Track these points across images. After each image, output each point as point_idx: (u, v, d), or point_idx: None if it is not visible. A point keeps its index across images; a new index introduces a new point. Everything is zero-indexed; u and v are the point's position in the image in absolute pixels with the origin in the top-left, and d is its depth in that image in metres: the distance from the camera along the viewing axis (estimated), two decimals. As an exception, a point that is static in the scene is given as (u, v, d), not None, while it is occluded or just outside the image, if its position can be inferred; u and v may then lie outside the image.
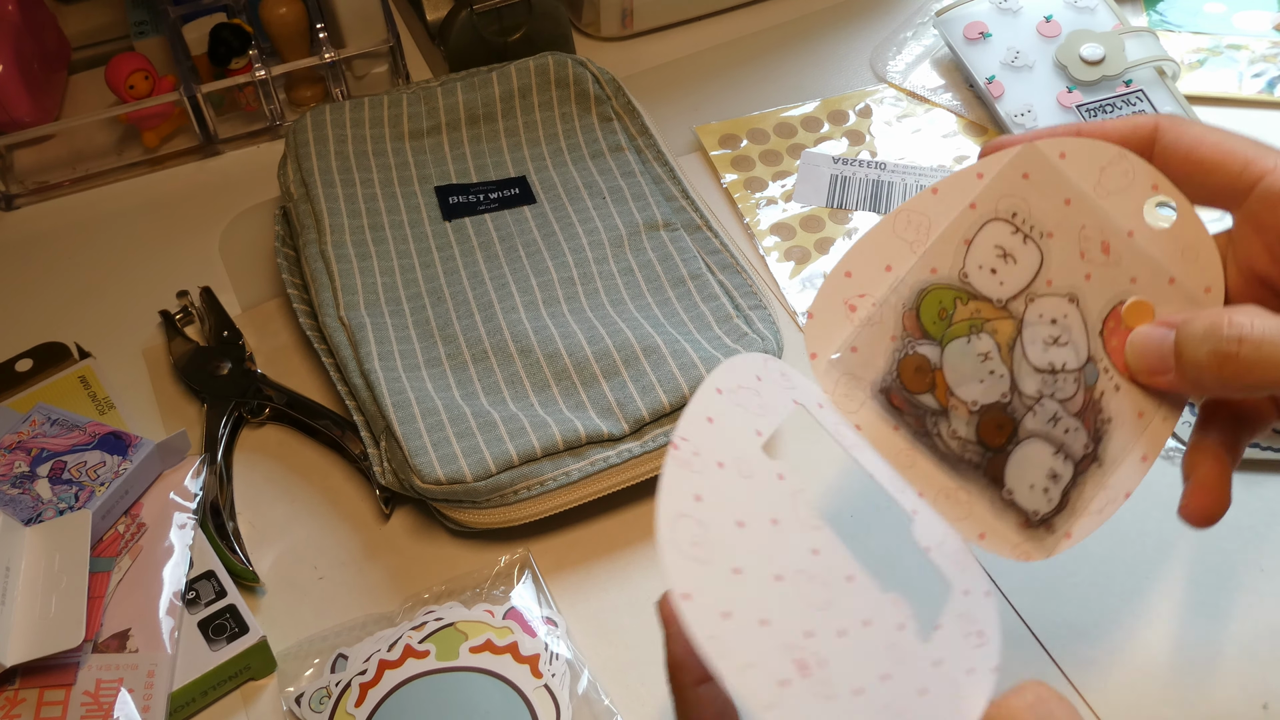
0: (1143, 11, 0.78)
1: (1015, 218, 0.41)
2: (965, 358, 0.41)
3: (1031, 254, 0.41)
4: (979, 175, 0.42)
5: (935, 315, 0.41)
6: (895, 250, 0.42)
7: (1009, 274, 0.41)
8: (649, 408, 0.55)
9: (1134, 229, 0.41)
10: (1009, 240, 0.41)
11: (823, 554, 0.35)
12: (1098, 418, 0.41)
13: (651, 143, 0.68)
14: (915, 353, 0.41)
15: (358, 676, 0.50)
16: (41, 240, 0.71)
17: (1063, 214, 0.41)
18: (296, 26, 0.74)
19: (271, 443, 0.60)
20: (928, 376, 0.41)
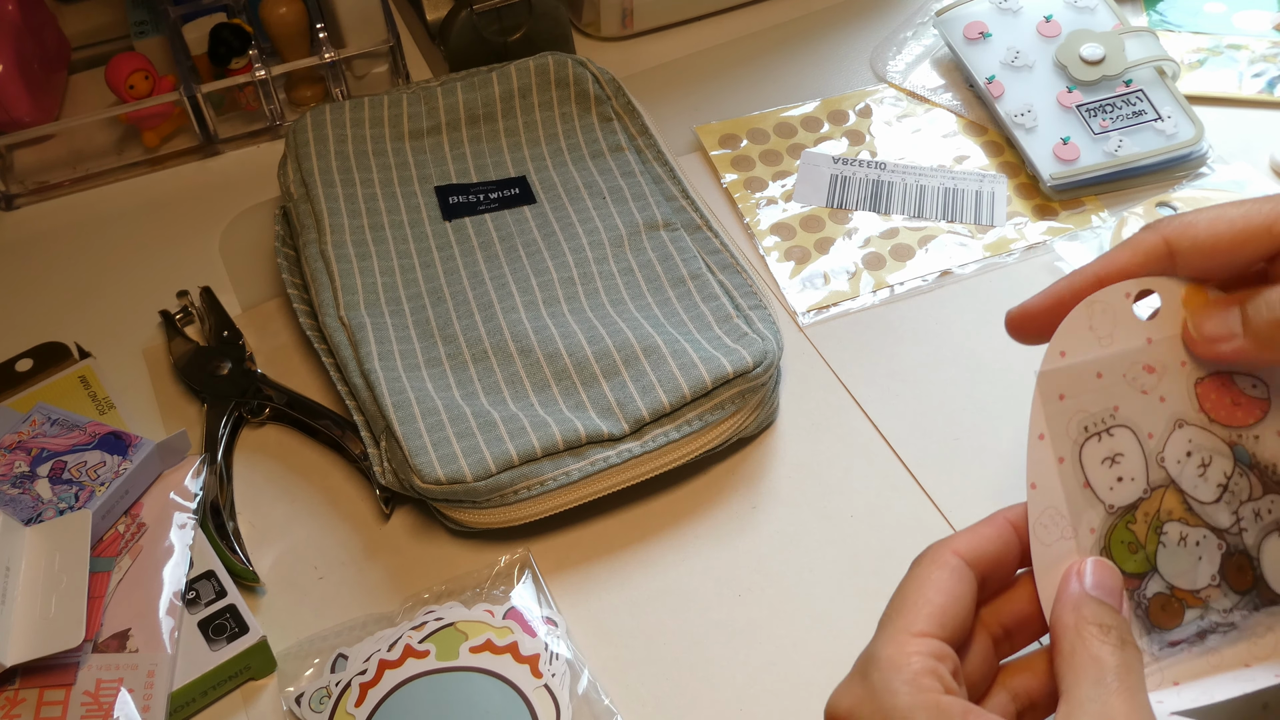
0: (1143, 11, 0.78)
1: (1089, 429, 0.41)
2: (1177, 559, 0.41)
3: (1124, 436, 0.41)
4: (1040, 437, 0.41)
5: (1128, 553, 0.41)
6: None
7: (1129, 467, 0.41)
8: (649, 408, 0.55)
9: (1150, 336, 0.42)
10: (1103, 447, 0.41)
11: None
12: (1273, 475, 0.41)
13: (651, 143, 0.68)
14: (1148, 596, 0.41)
15: (358, 676, 0.50)
16: (41, 240, 0.71)
17: (1106, 384, 0.41)
18: (296, 26, 0.74)
19: (271, 443, 0.60)
20: (1173, 603, 0.41)
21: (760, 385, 0.56)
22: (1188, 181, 0.68)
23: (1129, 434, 0.41)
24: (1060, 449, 0.41)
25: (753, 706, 0.50)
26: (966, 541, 0.40)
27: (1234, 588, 0.41)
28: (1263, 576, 0.41)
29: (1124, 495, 0.41)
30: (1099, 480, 0.41)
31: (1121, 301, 0.41)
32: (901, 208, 0.68)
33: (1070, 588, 0.39)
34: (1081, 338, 0.41)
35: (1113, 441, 0.41)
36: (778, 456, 0.59)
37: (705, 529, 0.56)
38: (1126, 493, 0.41)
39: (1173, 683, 0.40)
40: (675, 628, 0.53)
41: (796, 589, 0.54)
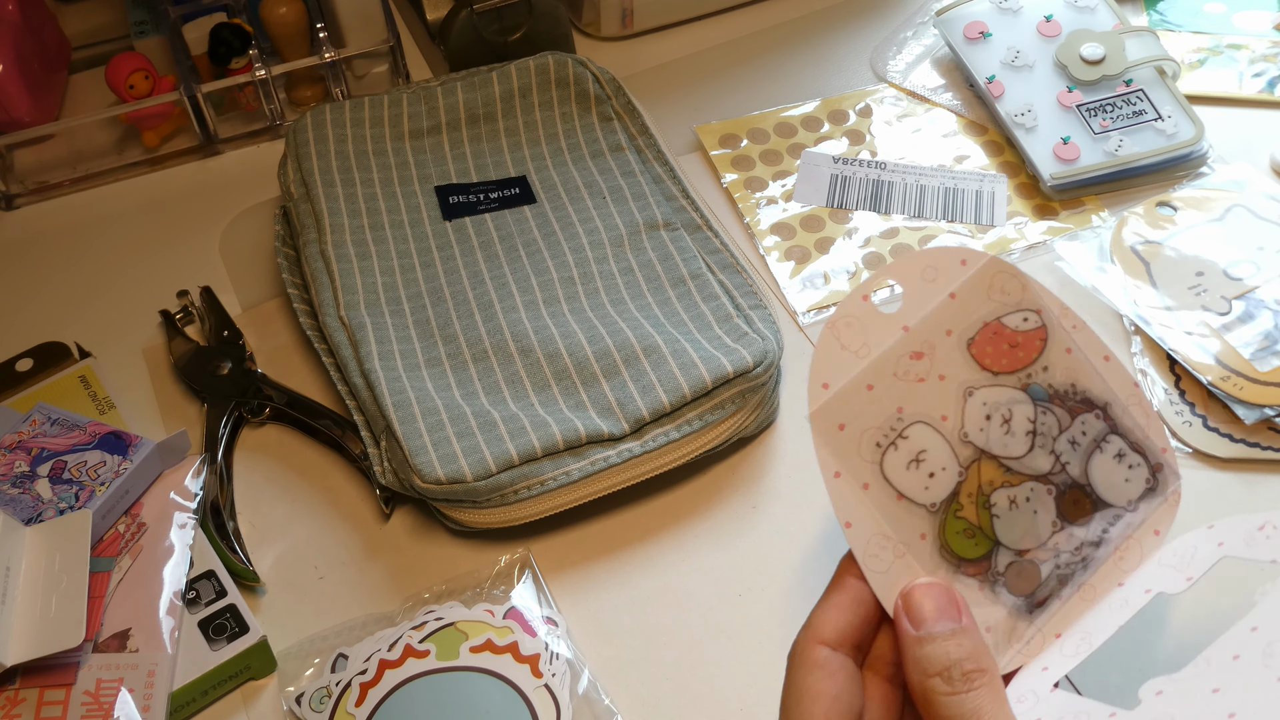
0: (1143, 11, 0.78)
1: (880, 443, 0.41)
2: (1014, 524, 0.41)
3: (919, 432, 0.41)
4: (836, 475, 0.40)
5: (967, 541, 0.41)
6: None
7: (935, 459, 0.41)
8: (649, 407, 0.55)
9: (904, 324, 0.41)
10: (902, 453, 0.41)
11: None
12: (1075, 396, 0.41)
13: (651, 142, 0.68)
14: (1001, 571, 0.40)
15: (358, 676, 0.50)
16: (41, 240, 0.71)
17: (881, 392, 0.41)
18: (296, 26, 0.74)
19: (272, 442, 0.60)
20: (1026, 566, 0.41)
21: (760, 385, 0.56)
22: (1188, 181, 0.68)
23: (923, 427, 0.41)
24: (861, 476, 0.40)
25: (753, 706, 0.50)
26: (828, 623, 0.39)
27: (1075, 522, 0.41)
28: (1100, 498, 0.41)
29: (940, 489, 0.41)
30: (910, 486, 0.40)
31: (861, 306, 0.41)
32: (902, 208, 0.68)
33: (905, 636, 0.38)
34: (837, 361, 0.41)
35: (909, 443, 0.41)
36: (778, 456, 0.59)
37: (705, 529, 0.56)
38: (942, 485, 0.41)
39: (1055, 636, 0.40)
40: (675, 628, 0.53)
41: (796, 589, 0.54)
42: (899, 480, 0.41)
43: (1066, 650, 0.39)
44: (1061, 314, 0.42)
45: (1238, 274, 0.63)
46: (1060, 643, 0.40)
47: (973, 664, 0.37)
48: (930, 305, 0.41)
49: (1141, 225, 0.66)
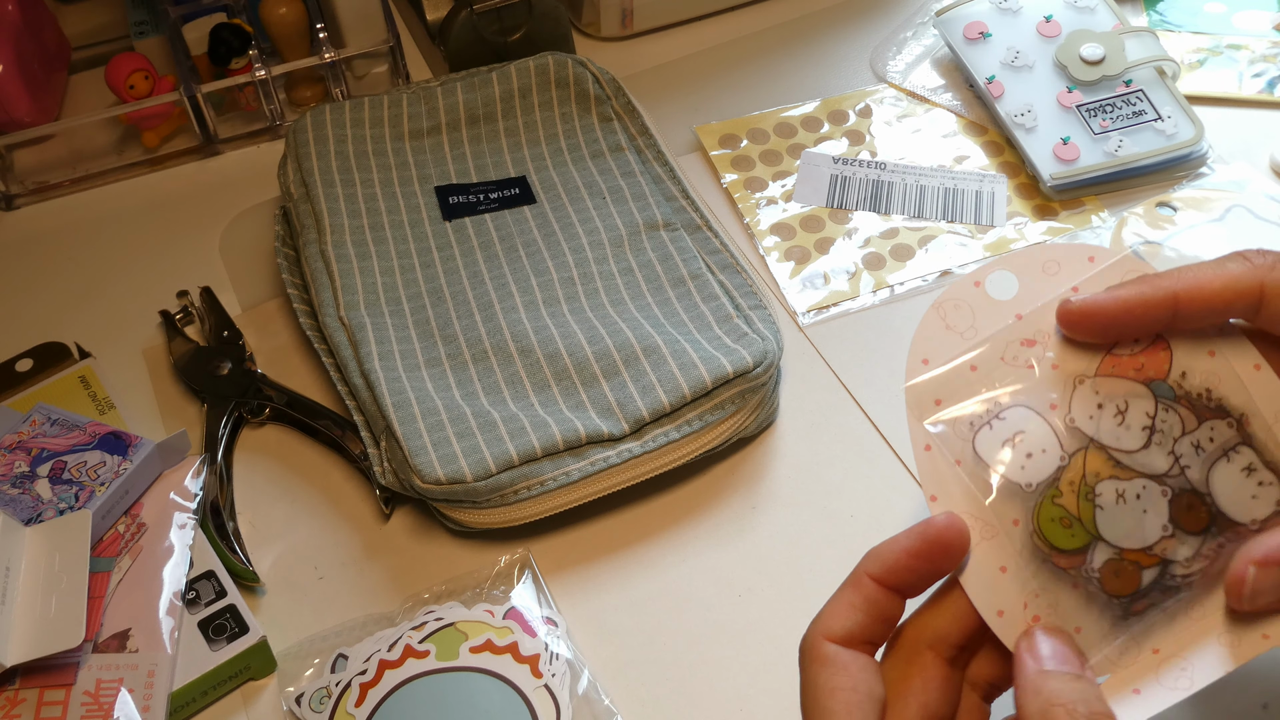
0: (1143, 11, 0.78)
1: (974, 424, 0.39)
2: (1119, 519, 0.38)
3: (1018, 414, 0.39)
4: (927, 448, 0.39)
5: (1062, 530, 0.39)
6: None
7: (1035, 440, 0.39)
8: (649, 408, 0.55)
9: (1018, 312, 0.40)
10: (997, 433, 0.39)
11: None
12: (1207, 403, 0.39)
13: (651, 143, 0.68)
14: (1096, 568, 0.38)
15: (358, 676, 0.50)
16: (41, 240, 0.71)
17: (984, 374, 0.40)
18: (296, 26, 0.74)
19: (271, 443, 0.60)
20: (1125, 567, 0.38)
21: (760, 385, 0.56)
22: (1188, 181, 0.68)
23: (1023, 410, 0.39)
24: (954, 452, 0.39)
25: (753, 706, 0.50)
26: (837, 620, 0.39)
27: (1189, 530, 0.38)
28: (1220, 510, 0.38)
29: (1038, 471, 0.39)
30: (1007, 464, 0.39)
31: (971, 290, 0.40)
32: (901, 208, 0.68)
33: (1027, 668, 0.37)
34: (941, 339, 0.40)
35: (1006, 424, 0.39)
36: (778, 456, 0.59)
37: (705, 529, 0.56)
38: (1040, 467, 0.39)
39: (1152, 651, 0.38)
40: (675, 628, 0.53)
41: (796, 589, 0.54)
42: (992, 456, 0.39)
43: (1164, 679, 0.37)
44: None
45: (1238, 274, 0.63)
46: (1158, 664, 0.38)
47: (1101, 706, 0.36)
48: (1049, 296, 0.40)
49: (1141, 226, 0.66)
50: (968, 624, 0.39)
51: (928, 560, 0.39)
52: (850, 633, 0.39)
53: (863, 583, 0.39)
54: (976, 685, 0.41)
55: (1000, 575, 0.39)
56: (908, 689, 0.39)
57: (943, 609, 0.40)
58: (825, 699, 0.37)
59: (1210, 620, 0.38)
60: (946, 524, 0.39)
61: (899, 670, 0.39)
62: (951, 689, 0.40)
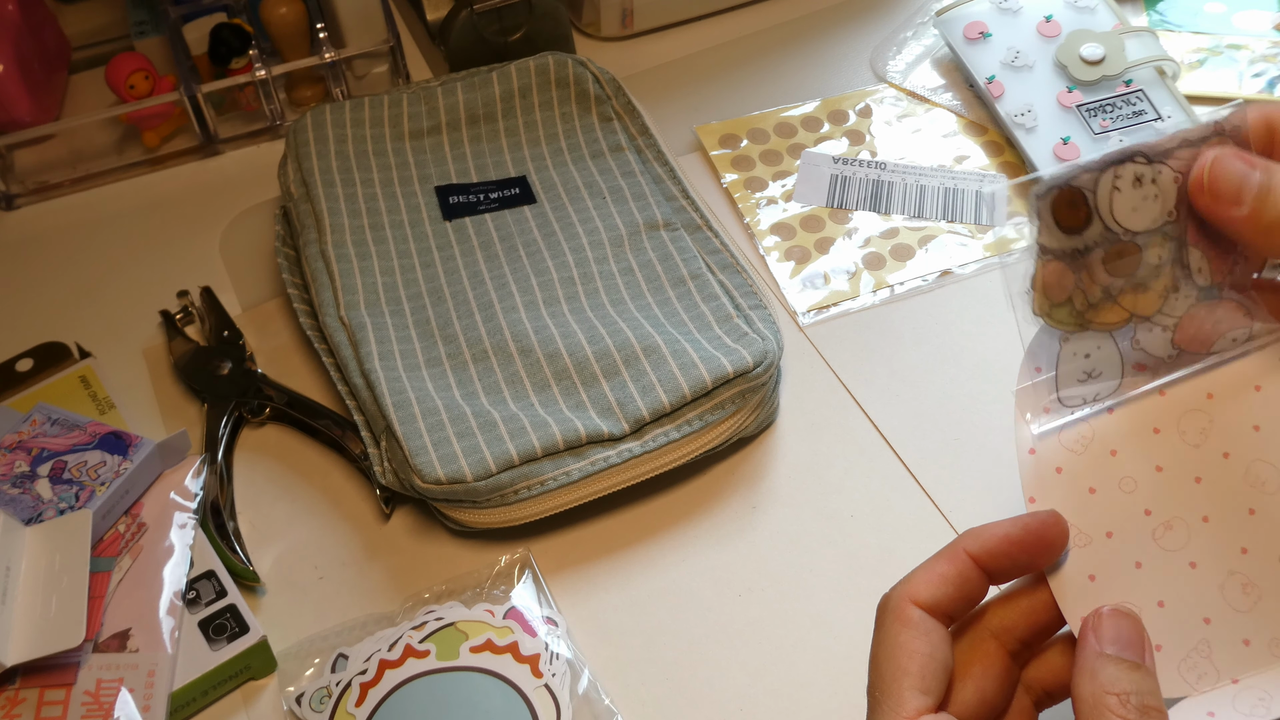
0: (1143, 11, 0.78)
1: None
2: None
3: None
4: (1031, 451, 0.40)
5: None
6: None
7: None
8: (649, 407, 0.55)
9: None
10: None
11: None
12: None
13: (651, 142, 0.68)
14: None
15: (358, 676, 0.50)
16: (41, 240, 0.71)
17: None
18: (297, 26, 0.74)
19: (272, 443, 0.60)
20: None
21: (760, 385, 0.56)
22: (1188, 181, 0.68)
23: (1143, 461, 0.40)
24: (1057, 459, 0.40)
25: (752, 706, 0.50)
26: (926, 587, 0.39)
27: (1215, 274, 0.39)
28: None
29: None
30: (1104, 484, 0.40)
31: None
32: (902, 208, 0.68)
33: (1088, 647, 0.38)
34: (1054, 350, 0.40)
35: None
36: (778, 456, 0.59)
37: (705, 529, 0.56)
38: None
39: (1231, 681, 0.39)
40: (675, 628, 0.53)
41: (796, 589, 0.54)
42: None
43: (1241, 706, 0.38)
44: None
45: (1238, 274, 0.63)
46: (1235, 692, 0.38)
47: (1154, 700, 0.36)
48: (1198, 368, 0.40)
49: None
50: (1036, 621, 0.40)
51: (1026, 550, 0.40)
52: (937, 601, 0.39)
53: (959, 557, 0.40)
54: (1031, 688, 0.41)
55: (1089, 583, 0.40)
56: (969, 671, 0.40)
57: (1016, 602, 0.41)
58: (904, 659, 0.38)
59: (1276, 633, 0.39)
60: (1051, 520, 0.40)
61: (964, 652, 0.40)
62: (1009, 681, 0.41)
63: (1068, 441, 0.40)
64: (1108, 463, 0.40)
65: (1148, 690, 0.36)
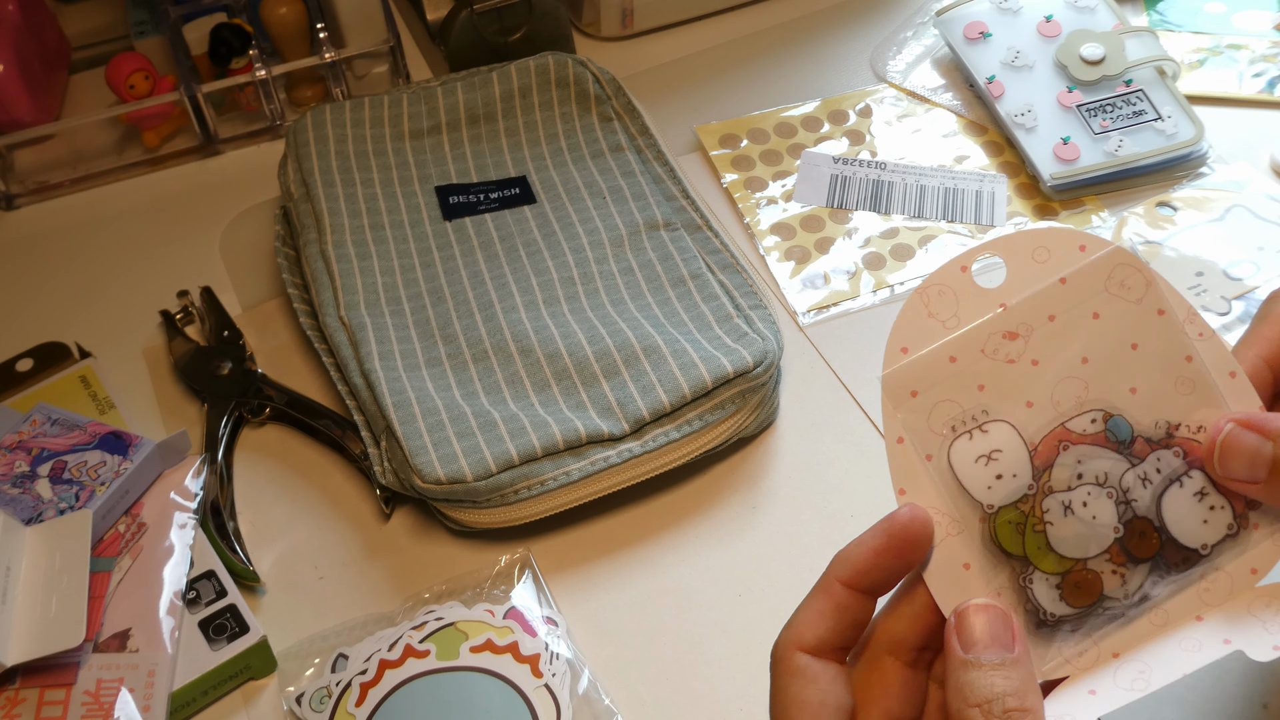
0: (1143, 11, 0.78)
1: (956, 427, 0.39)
2: (1070, 531, 0.38)
3: (1000, 431, 0.39)
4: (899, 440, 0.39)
5: (1016, 535, 0.38)
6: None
7: (1009, 463, 0.39)
8: (649, 407, 0.55)
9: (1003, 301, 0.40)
10: (976, 445, 0.39)
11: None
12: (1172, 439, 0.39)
13: (651, 142, 0.68)
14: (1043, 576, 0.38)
15: (358, 676, 0.50)
16: (41, 240, 0.71)
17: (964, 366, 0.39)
18: (297, 26, 0.74)
19: (272, 442, 0.60)
20: (1087, 576, 0.38)
21: (760, 385, 0.56)
22: (1188, 181, 0.68)
23: (1008, 429, 0.39)
24: (927, 447, 0.39)
25: (753, 706, 0.50)
26: (808, 629, 0.39)
27: (1139, 558, 0.38)
28: (1170, 537, 0.38)
29: (1004, 494, 0.39)
30: (974, 481, 0.39)
31: (956, 276, 0.39)
32: (902, 208, 0.68)
33: (953, 655, 0.37)
34: (921, 327, 0.39)
35: (988, 439, 0.39)
36: (778, 456, 0.59)
37: (705, 529, 0.56)
38: (1007, 491, 0.39)
39: (1112, 656, 0.38)
40: (675, 628, 0.53)
41: (796, 589, 0.54)
42: (963, 469, 0.39)
43: (1121, 680, 0.37)
44: (1188, 319, 0.39)
45: (1238, 274, 0.63)
46: (1116, 667, 0.38)
47: (1016, 701, 0.35)
48: (1036, 286, 0.39)
49: (1141, 225, 0.66)
50: (925, 623, 0.39)
51: (896, 555, 0.39)
52: (822, 640, 0.39)
53: (833, 589, 0.39)
54: (942, 681, 0.41)
55: (964, 572, 0.39)
56: (870, 697, 0.39)
57: (901, 612, 0.40)
58: (795, 711, 0.38)
59: (1171, 624, 0.38)
60: (910, 517, 0.39)
61: (862, 677, 0.40)
62: (913, 692, 0.40)
63: (937, 426, 0.39)
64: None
65: (1014, 689, 0.36)
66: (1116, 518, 0.38)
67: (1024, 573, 0.39)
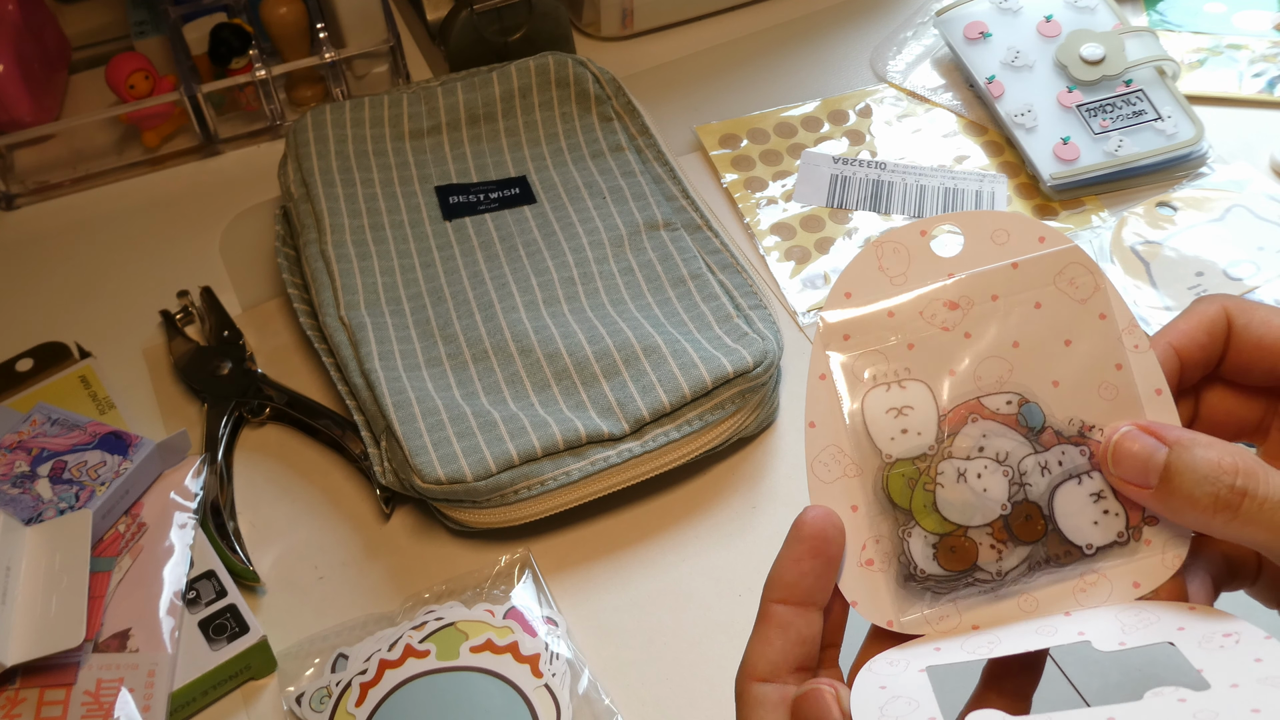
0: (1143, 11, 0.78)
1: (877, 378, 0.40)
2: (958, 497, 0.39)
3: (917, 391, 0.40)
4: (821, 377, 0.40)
5: (906, 488, 0.39)
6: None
7: (918, 420, 0.39)
8: (649, 407, 0.55)
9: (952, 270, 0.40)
10: (892, 397, 0.40)
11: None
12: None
13: (652, 142, 0.68)
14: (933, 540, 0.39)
15: (358, 676, 0.50)
16: (41, 240, 0.71)
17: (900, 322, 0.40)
18: (297, 26, 0.74)
19: (272, 442, 0.60)
20: (964, 542, 0.39)
21: (760, 385, 0.56)
22: (1188, 181, 0.68)
23: (924, 390, 0.39)
24: (845, 389, 0.39)
25: (753, 706, 0.50)
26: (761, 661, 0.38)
27: (1023, 540, 0.39)
28: (1057, 527, 0.39)
29: (905, 449, 0.39)
30: (879, 429, 0.39)
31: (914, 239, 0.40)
32: (902, 208, 0.68)
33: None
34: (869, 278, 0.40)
35: (904, 394, 0.39)
36: (778, 456, 0.59)
37: (705, 529, 0.56)
38: (908, 447, 0.39)
39: (972, 628, 0.38)
40: (675, 628, 0.53)
41: (797, 589, 0.54)
42: (873, 417, 0.39)
43: (968, 646, 0.38)
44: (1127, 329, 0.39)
45: (1238, 274, 0.63)
46: (969, 636, 0.38)
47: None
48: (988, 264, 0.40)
49: (1141, 225, 0.66)
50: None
51: (814, 557, 0.39)
52: (774, 665, 0.38)
53: (770, 612, 0.39)
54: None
55: (851, 513, 0.39)
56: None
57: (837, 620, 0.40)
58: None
59: (1040, 613, 0.38)
60: (815, 517, 0.39)
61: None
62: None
63: (860, 372, 0.40)
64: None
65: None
66: (1007, 496, 0.39)
67: (905, 525, 0.39)
